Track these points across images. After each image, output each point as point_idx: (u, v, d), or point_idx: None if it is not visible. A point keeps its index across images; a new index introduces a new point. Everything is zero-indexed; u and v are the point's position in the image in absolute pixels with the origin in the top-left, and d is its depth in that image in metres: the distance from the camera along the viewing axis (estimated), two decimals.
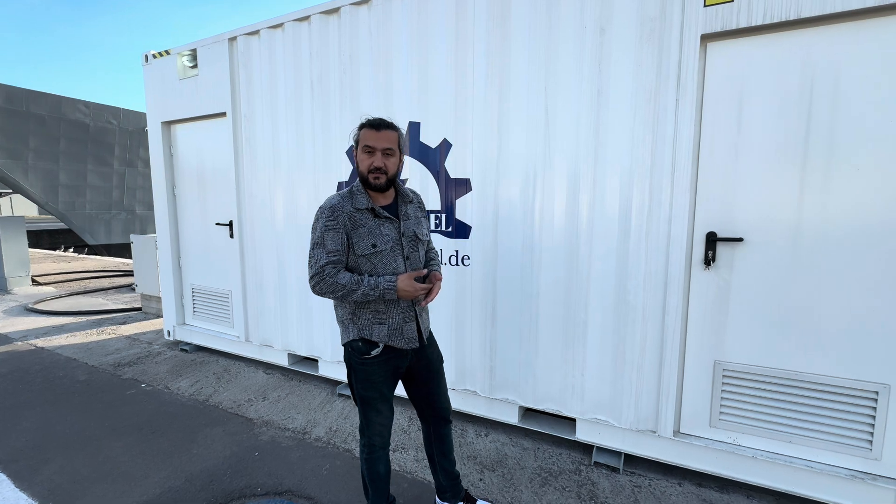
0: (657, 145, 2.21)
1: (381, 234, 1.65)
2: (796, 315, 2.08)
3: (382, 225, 1.66)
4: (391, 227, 1.69)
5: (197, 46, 3.85)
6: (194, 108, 3.94)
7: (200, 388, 3.55)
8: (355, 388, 1.76)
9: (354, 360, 1.73)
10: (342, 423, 2.95)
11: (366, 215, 1.64)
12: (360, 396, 1.75)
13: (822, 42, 1.93)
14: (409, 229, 1.73)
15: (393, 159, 1.65)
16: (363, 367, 1.71)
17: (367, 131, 1.63)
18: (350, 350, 1.73)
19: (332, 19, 3.10)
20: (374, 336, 1.68)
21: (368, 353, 1.69)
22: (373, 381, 1.73)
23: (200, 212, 4.20)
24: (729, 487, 2.27)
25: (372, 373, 1.72)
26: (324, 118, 3.21)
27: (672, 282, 2.24)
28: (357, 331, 1.69)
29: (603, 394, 2.47)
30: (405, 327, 1.71)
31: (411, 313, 1.73)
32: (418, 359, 1.82)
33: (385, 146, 1.62)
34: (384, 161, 1.62)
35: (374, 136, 1.61)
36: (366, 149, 1.62)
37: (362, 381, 1.73)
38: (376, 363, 1.71)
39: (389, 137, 1.63)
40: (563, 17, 2.35)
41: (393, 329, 1.69)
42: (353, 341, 1.71)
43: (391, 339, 1.69)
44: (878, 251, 1.92)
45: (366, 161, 1.63)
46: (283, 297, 3.61)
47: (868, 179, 1.91)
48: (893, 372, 1.94)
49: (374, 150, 1.61)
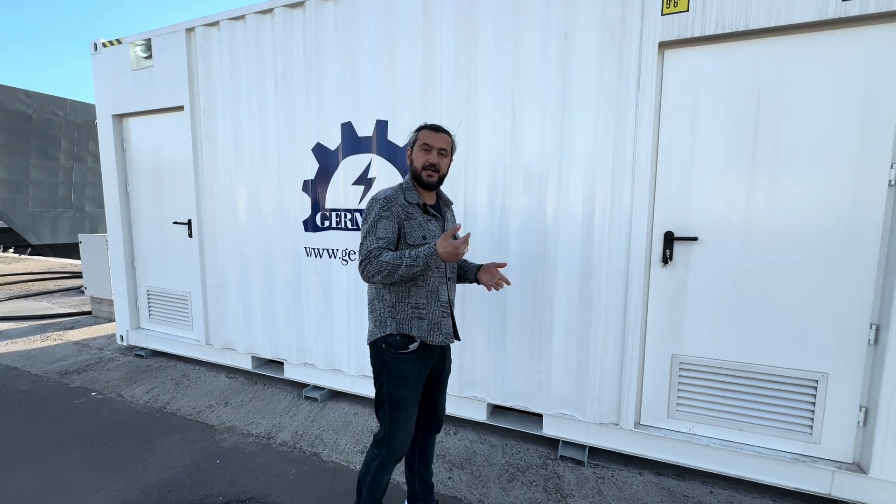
0: (618, 147, 2.28)
1: (428, 229, 1.70)
2: (746, 310, 2.20)
3: (430, 221, 1.73)
4: (437, 225, 1.75)
5: (151, 36, 3.66)
6: (149, 101, 3.75)
7: (157, 394, 3.38)
8: (386, 387, 1.70)
9: (389, 355, 1.68)
10: (309, 427, 2.89)
11: (416, 210, 1.70)
12: (391, 396, 1.69)
13: (769, 53, 2.06)
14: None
15: (445, 160, 1.73)
16: (399, 364, 1.68)
17: (427, 132, 1.71)
18: (384, 346, 1.69)
19: (296, 13, 3.03)
20: (413, 331, 1.67)
21: (406, 348, 1.67)
22: (407, 379, 1.69)
23: (156, 210, 4.00)
24: (686, 475, 2.38)
25: (407, 369, 1.69)
26: (289, 114, 3.13)
27: (633, 279, 2.32)
28: (396, 325, 1.68)
29: (568, 389, 2.53)
30: (443, 322, 1.72)
31: (448, 309, 1.75)
32: (439, 360, 1.82)
33: (441, 146, 1.70)
34: (439, 160, 1.70)
35: (433, 136, 1.70)
36: (423, 146, 1.70)
37: (396, 379, 1.68)
38: (412, 359, 1.69)
39: (445, 140, 1.72)
40: (529, 20, 2.39)
41: (433, 324, 1.70)
42: (390, 336, 1.68)
43: (430, 334, 1.69)
44: (817, 249, 2.06)
45: (422, 157, 1.69)
46: (246, 298, 3.50)
47: (808, 182, 2.04)
48: (831, 362, 2.09)
49: (431, 148, 1.69)
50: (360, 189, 2.97)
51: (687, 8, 2.09)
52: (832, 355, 2.09)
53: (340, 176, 3.01)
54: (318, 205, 3.12)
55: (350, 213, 3.01)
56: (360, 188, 2.97)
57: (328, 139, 3.02)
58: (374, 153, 2.89)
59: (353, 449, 2.64)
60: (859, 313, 2.03)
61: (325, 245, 3.12)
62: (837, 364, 2.08)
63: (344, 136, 2.97)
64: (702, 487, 2.29)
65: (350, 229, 3.02)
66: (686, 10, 2.10)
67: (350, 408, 3.15)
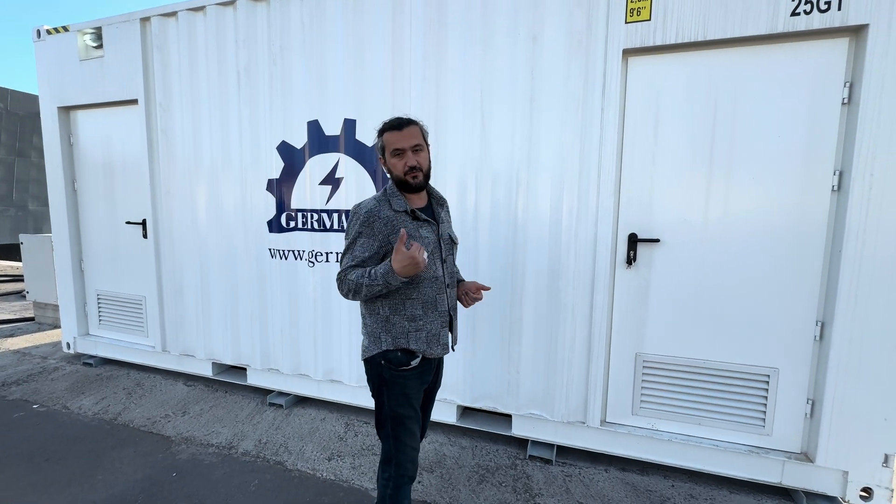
0: (585, 150, 2.33)
1: (420, 237, 1.56)
2: (704, 309, 2.29)
3: (422, 227, 1.58)
4: (430, 230, 1.60)
5: (102, 24, 3.45)
6: (99, 94, 3.53)
7: (107, 405, 3.18)
8: (388, 405, 1.58)
9: (389, 373, 1.56)
10: (273, 435, 2.79)
11: (404, 218, 1.55)
12: (394, 415, 1.58)
13: (725, 62, 2.15)
14: (445, 232, 1.67)
15: (423, 154, 1.59)
16: (400, 381, 1.57)
17: (391, 134, 1.56)
18: (383, 362, 1.57)
19: (260, 7, 2.93)
20: (411, 344, 1.56)
21: (408, 364, 1.56)
22: (409, 396, 1.59)
23: (108, 209, 3.77)
24: (649, 470, 2.45)
25: (409, 386, 1.58)
26: (252, 111, 3.02)
27: (599, 280, 2.37)
28: (392, 340, 1.56)
29: (537, 389, 2.56)
30: (442, 333, 1.62)
31: (447, 318, 1.64)
32: (435, 373, 1.73)
33: (413, 143, 1.55)
34: (417, 158, 1.56)
35: (399, 136, 1.55)
36: (395, 152, 1.55)
37: (398, 397, 1.57)
38: (414, 375, 1.59)
39: (413, 133, 1.56)
40: (498, 22, 2.41)
41: (431, 335, 1.59)
42: (390, 352, 1.56)
43: (429, 346, 1.59)
44: (768, 251, 2.17)
45: (399, 164, 1.55)
46: (205, 301, 3.34)
47: (760, 186, 2.15)
48: (781, 357, 2.20)
49: (404, 150, 1.54)
50: (327, 189, 2.90)
51: (649, 17, 2.16)
52: (782, 351, 2.20)
53: (307, 175, 2.93)
54: (284, 205, 3.02)
55: (317, 214, 2.93)
56: (327, 188, 2.90)
57: (294, 137, 2.94)
58: (342, 152, 2.83)
59: (319, 456, 2.56)
60: (806, 311, 2.15)
61: (291, 246, 3.02)
62: (787, 359, 2.20)
63: (310, 134, 2.89)
64: (664, 481, 2.37)
65: (317, 230, 2.94)
66: (648, 19, 2.16)
67: (317, 413, 3.06)
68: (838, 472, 2.10)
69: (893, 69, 1.89)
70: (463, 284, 1.78)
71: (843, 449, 2.08)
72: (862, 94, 1.94)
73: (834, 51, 2.02)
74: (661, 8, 2.14)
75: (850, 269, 2.00)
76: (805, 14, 1.97)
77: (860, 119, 1.94)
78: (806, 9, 1.96)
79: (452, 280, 1.69)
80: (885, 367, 2.00)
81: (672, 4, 2.12)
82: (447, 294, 1.64)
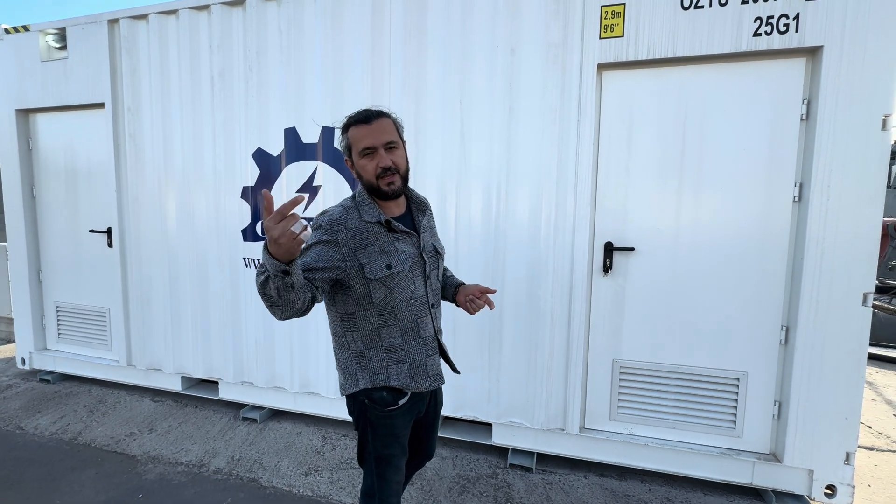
0: (562, 161, 2.38)
1: (396, 251, 1.32)
2: (677, 315, 2.36)
3: (398, 240, 1.33)
4: (409, 242, 1.36)
5: (67, 25, 3.32)
6: (62, 96, 3.39)
7: (66, 424, 3.00)
8: (372, 446, 1.39)
9: (375, 413, 1.36)
10: (247, 451, 2.70)
11: (377, 230, 1.31)
12: (378, 457, 1.38)
13: (694, 78, 2.25)
14: (428, 243, 1.43)
15: (399, 152, 1.32)
16: (387, 421, 1.37)
17: (357, 129, 1.29)
18: (367, 402, 1.36)
19: (236, 12, 2.88)
20: (391, 380, 1.34)
21: (396, 404, 1.36)
22: (397, 436, 1.39)
23: (70, 216, 3.59)
24: (627, 475, 2.49)
25: (396, 426, 1.38)
26: (227, 117, 2.95)
27: (576, 288, 2.41)
28: (369, 377, 1.35)
29: (517, 397, 2.57)
30: (429, 362, 1.40)
31: (434, 344, 1.42)
32: (431, 401, 1.52)
33: (386, 140, 1.28)
34: (392, 157, 1.29)
35: (368, 131, 1.27)
36: (364, 152, 1.28)
37: (384, 438, 1.37)
38: (402, 413, 1.38)
39: (386, 127, 1.29)
40: (476, 34, 2.44)
41: (416, 367, 1.37)
42: (374, 391, 1.35)
43: (414, 379, 1.37)
44: (736, 258, 2.26)
45: (370, 165, 1.28)
46: (175, 313, 3.22)
47: (728, 196, 2.25)
48: (750, 361, 2.29)
49: (376, 148, 1.27)
50: (305, 197, 2.85)
51: (622, 34, 2.24)
52: (751, 355, 2.29)
53: (283, 183, 2.88)
54: (259, 213, 2.95)
55: None
56: (305, 196, 2.85)
57: (270, 144, 2.88)
58: (321, 160, 2.79)
59: (295, 472, 2.49)
60: (772, 316, 2.25)
61: None
62: (755, 363, 2.28)
63: (288, 141, 2.85)
64: (641, 486, 2.40)
65: None
66: (621, 35, 2.24)
67: (293, 427, 2.98)
68: (804, 471, 2.19)
69: (846, 88, 2.01)
70: (464, 289, 1.54)
71: (808, 448, 2.17)
72: (819, 111, 2.05)
73: (792, 70, 2.14)
74: (633, 25, 2.22)
75: (812, 276, 2.11)
76: (766, 35, 2.08)
77: (817, 134, 2.06)
78: (766, 30, 2.08)
79: (437, 299, 1.48)
80: (844, 369, 2.11)
81: (643, 22, 2.21)
82: (432, 316, 1.42)
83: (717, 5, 2.12)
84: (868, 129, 2.01)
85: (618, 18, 2.24)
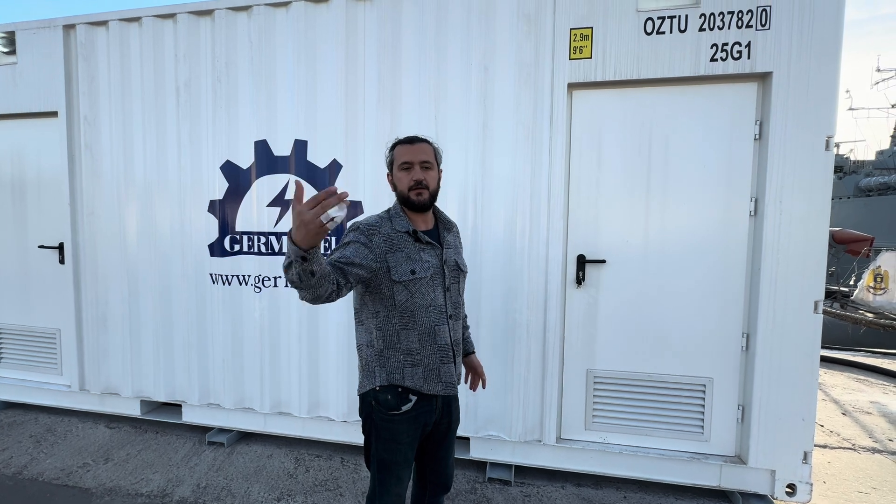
0: (535, 176, 2.44)
1: (420, 260, 1.47)
2: (646, 324, 2.45)
3: (423, 250, 1.49)
4: (433, 253, 1.51)
5: (16, 29, 3.13)
6: (10, 104, 3.18)
7: (9, 457, 2.76)
8: (374, 449, 1.49)
9: (379, 416, 1.46)
10: (213, 477, 2.56)
11: (405, 239, 1.47)
12: (380, 460, 1.48)
13: (658, 99, 2.37)
14: (450, 258, 1.57)
15: (432, 173, 1.51)
16: (390, 426, 1.46)
17: (402, 148, 1.51)
18: (374, 403, 1.47)
19: (203, 21, 2.81)
20: (406, 380, 1.45)
21: (399, 409, 1.45)
22: (399, 443, 1.47)
23: (15, 231, 3.35)
24: (602, 483, 2.53)
25: (399, 432, 1.47)
26: (193, 128, 2.85)
27: (551, 300, 2.46)
28: (386, 375, 1.46)
29: (494, 410, 2.57)
30: (442, 369, 1.50)
31: (449, 353, 1.51)
32: (443, 414, 1.56)
33: (423, 159, 1.49)
34: (425, 174, 1.48)
35: (410, 150, 1.50)
36: (403, 166, 1.49)
37: (386, 442, 1.47)
38: (406, 420, 1.47)
39: (425, 150, 1.51)
40: (451, 50, 2.49)
41: (429, 371, 1.47)
42: (381, 393, 1.46)
43: (427, 382, 1.47)
44: (699, 269, 2.38)
45: (405, 178, 1.49)
46: (134, 332, 3.04)
47: (691, 211, 2.37)
48: (716, 367, 2.40)
49: (412, 164, 1.48)
50: (276, 211, 2.78)
51: (591, 56, 2.34)
52: (716, 361, 2.39)
53: (254, 196, 2.80)
54: (228, 227, 2.85)
55: (265, 237, 2.80)
56: (276, 210, 2.78)
57: (239, 157, 2.81)
58: (293, 174, 2.74)
59: (267, 497, 2.38)
60: (734, 323, 2.37)
61: (235, 271, 2.85)
62: (720, 369, 2.39)
63: (258, 154, 2.78)
64: (616, 493, 2.45)
65: (265, 254, 2.80)
66: (590, 57, 2.34)
67: (263, 450, 2.86)
68: (767, 471, 2.30)
69: (794, 111, 2.18)
70: (471, 360, 1.78)
71: (770, 449, 2.28)
72: (770, 132, 2.21)
73: (746, 93, 2.29)
74: (601, 48, 2.33)
75: (768, 285, 2.24)
76: (721, 60, 2.23)
77: (769, 153, 2.21)
78: (722, 56, 2.23)
79: (457, 311, 1.58)
80: (800, 372, 2.24)
81: (610, 46, 2.32)
82: (449, 326, 1.53)
83: (676, 32, 2.25)
84: (813, 149, 2.17)
85: (586, 41, 2.34)
